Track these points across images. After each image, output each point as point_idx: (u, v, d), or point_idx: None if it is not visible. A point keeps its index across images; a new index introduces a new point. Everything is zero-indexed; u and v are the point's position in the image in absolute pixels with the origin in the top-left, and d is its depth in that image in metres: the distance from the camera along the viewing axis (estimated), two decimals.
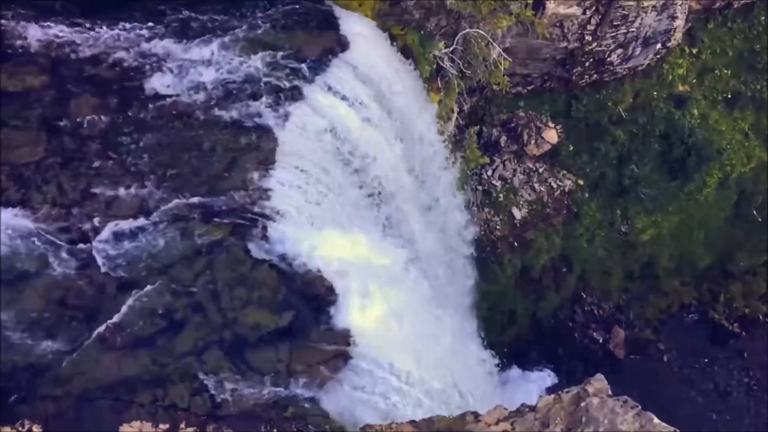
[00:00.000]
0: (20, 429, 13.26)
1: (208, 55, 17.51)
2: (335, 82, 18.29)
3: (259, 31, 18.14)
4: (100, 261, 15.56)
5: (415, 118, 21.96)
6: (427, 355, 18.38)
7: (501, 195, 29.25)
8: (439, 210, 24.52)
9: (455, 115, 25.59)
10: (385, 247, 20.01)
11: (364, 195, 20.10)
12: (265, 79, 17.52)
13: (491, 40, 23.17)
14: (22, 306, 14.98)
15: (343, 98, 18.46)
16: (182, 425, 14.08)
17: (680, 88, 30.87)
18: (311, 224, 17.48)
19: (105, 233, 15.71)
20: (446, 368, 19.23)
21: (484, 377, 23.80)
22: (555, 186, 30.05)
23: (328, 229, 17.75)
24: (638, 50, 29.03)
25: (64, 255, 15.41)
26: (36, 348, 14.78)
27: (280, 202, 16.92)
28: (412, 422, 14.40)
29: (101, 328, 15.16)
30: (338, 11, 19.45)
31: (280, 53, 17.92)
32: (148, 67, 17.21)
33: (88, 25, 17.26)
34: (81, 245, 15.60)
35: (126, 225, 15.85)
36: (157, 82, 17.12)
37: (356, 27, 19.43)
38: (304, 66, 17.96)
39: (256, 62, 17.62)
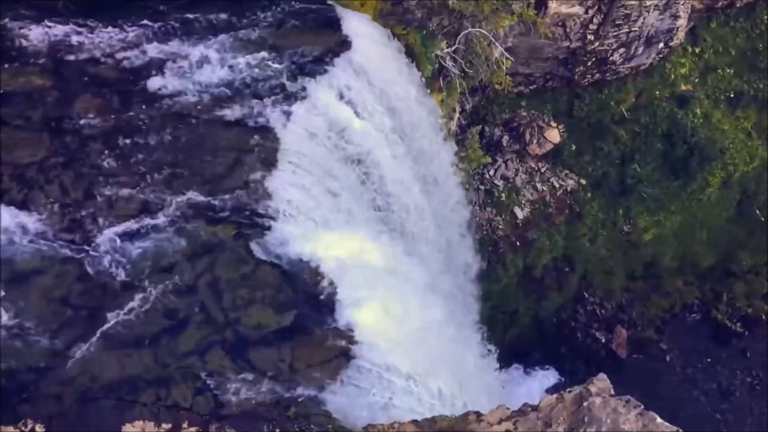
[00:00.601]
0: (23, 428, 13.28)
1: (210, 55, 17.52)
2: (338, 82, 18.30)
3: (262, 31, 18.15)
4: (102, 261, 15.57)
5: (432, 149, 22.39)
6: (431, 357, 18.40)
7: (503, 194, 29.23)
8: (450, 251, 24.84)
9: (457, 114, 25.59)
10: (407, 261, 20.28)
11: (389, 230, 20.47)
12: (267, 79, 17.53)
13: (493, 40, 23.17)
14: (25, 306, 14.99)
15: (348, 101, 18.52)
16: (185, 425, 14.10)
17: (683, 87, 30.83)
18: (315, 224, 17.48)
19: (108, 233, 15.73)
20: (450, 369, 19.24)
21: (492, 387, 23.93)
22: (557, 185, 30.03)
23: (334, 229, 17.77)
24: (641, 49, 29.00)
25: (66, 255, 15.43)
26: (39, 347, 14.79)
27: (282, 202, 16.92)
28: (415, 422, 14.42)
29: (104, 328, 15.17)
30: (340, 11, 19.45)
31: (283, 53, 17.93)
32: (150, 67, 17.23)
33: (90, 26, 17.29)
34: (84, 245, 15.61)
35: (129, 225, 15.86)
36: (160, 82, 17.14)
37: (358, 27, 19.44)
38: (306, 66, 17.96)
39: (259, 62, 17.63)
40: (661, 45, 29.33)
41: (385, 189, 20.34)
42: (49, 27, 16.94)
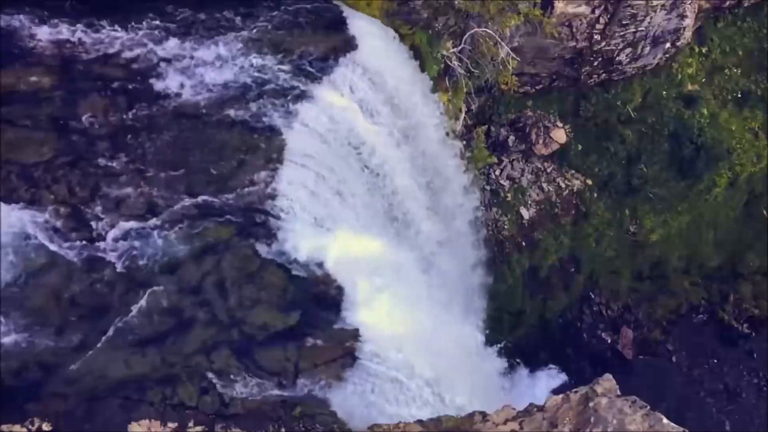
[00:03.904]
0: (30, 427, 13.34)
1: (216, 55, 17.56)
2: (344, 82, 18.31)
3: (268, 31, 18.17)
4: (109, 260, 15.62)
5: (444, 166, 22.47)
6: (437, 357, 18.39)
7: (509, 195, 29.19)
8: (457, 251, 25.00)
9: (463, 114, 25.58)
10: (414, 261, 20.34)
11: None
12: (273, 79, 17.55)
13: (499, 40, 23.14)
14: (33, 305, 15.05)
15: (354, 101, 18.53)
16: (190, 424, 14.14)
17: (690, 87, 30.72)
18: (321, 224, 17.50)
19: (114, 233, 15.78)
20: (455, 369, 19.23)
21: (498, 387, 23.98)
22: (563, 186, 29.97)
23: (340, 229, 17.78)
24: (647, 49, 28.91)
25: (73, 254, 15.48)
26: (46, 346, 14.85)
27: (288, 202, 16.95)
28: (420, 422, 14.43)
29: (111, 327, 15.22)
30: (347, 11, 19.46)
31: (289, 53, 17.95)
32: (157, 66, 17.27)
33: (97, 25, 17.34)
34: (90, 244, 15.67)
35: (135, 224, 15.90)
36: (166, 82, 17.18)
37: (364, 27, 19.44)
38: (312, 66, 17.98)
39: (265, 62, 17.66)
40: (668, 45, 29.23)
41: (390, 188, 20.35)
42: (56, 27, 17.00)
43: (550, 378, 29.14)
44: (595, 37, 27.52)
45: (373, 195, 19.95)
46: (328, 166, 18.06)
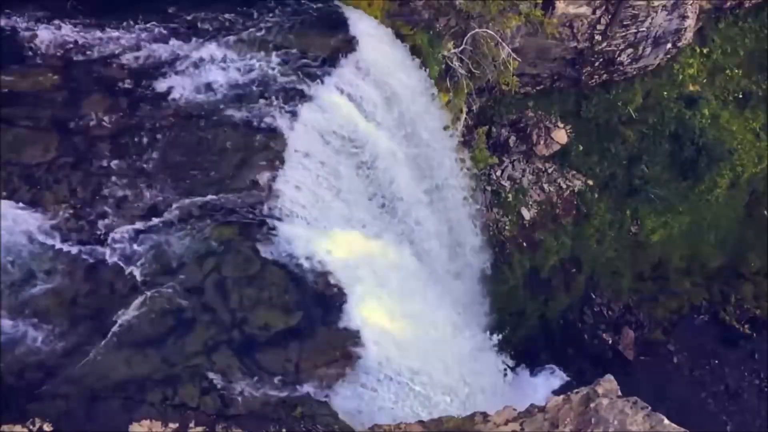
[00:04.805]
0: (31, 427, 13.34)
1: (218, 56, 17.56)
2: (345, 83, 18.31)
3: (269, 32, 18.18)
4: (110, 261, 15.63)
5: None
6: (438, 358, 18.40)
7: (510, 195, 29.19)
8: (457, 252, 25.07)
9: (464, 115, 25.59)
10: (415, 262, 20.32)
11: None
12: (274, 80, 17.56)
13: (500, 40, 23.15)
14: (34, 305, 15.06)
15: (355, 102, 18.54)
16: (191, 424, 14.14)
17: (691, 87, 30.72)
18: (322, 225, 17.50)
19: (115, 233, 15.78)
20: (456, 370, 19.23)
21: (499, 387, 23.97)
22: (564, 186, 29.97)
23: (341, 230, 17.79)
24: (648, 50, 28.92)
25: (74, 255, 15.49)
26: (47, 347, 14.86)
27: (289, 202, 16.95)
28: (421, 422, 14.44)
29: (112, 328, 15.23)
30: (348, 11, 19.46)
31: (290, 53, 17.96)
32: (158, 67, 17.29)
33: (99, 26, 17.37)
34: (91, 245, 15.68)
35: (136, 225, 15.91)
36: (167, 83, 17.19)
37: (366, 27, 19.45)
38: (313, 66, 17.98)
39: (266, 62, 17.67)
40: (669, 45, 29.24)
41: (390, 189, 20.35)
42: (58, 27, 17.03)
43: (551, 378, 29.16)
44: (596, 37, 27.53)
45: (373, 196, 19.93)
46: (329, 167, 18.02)
